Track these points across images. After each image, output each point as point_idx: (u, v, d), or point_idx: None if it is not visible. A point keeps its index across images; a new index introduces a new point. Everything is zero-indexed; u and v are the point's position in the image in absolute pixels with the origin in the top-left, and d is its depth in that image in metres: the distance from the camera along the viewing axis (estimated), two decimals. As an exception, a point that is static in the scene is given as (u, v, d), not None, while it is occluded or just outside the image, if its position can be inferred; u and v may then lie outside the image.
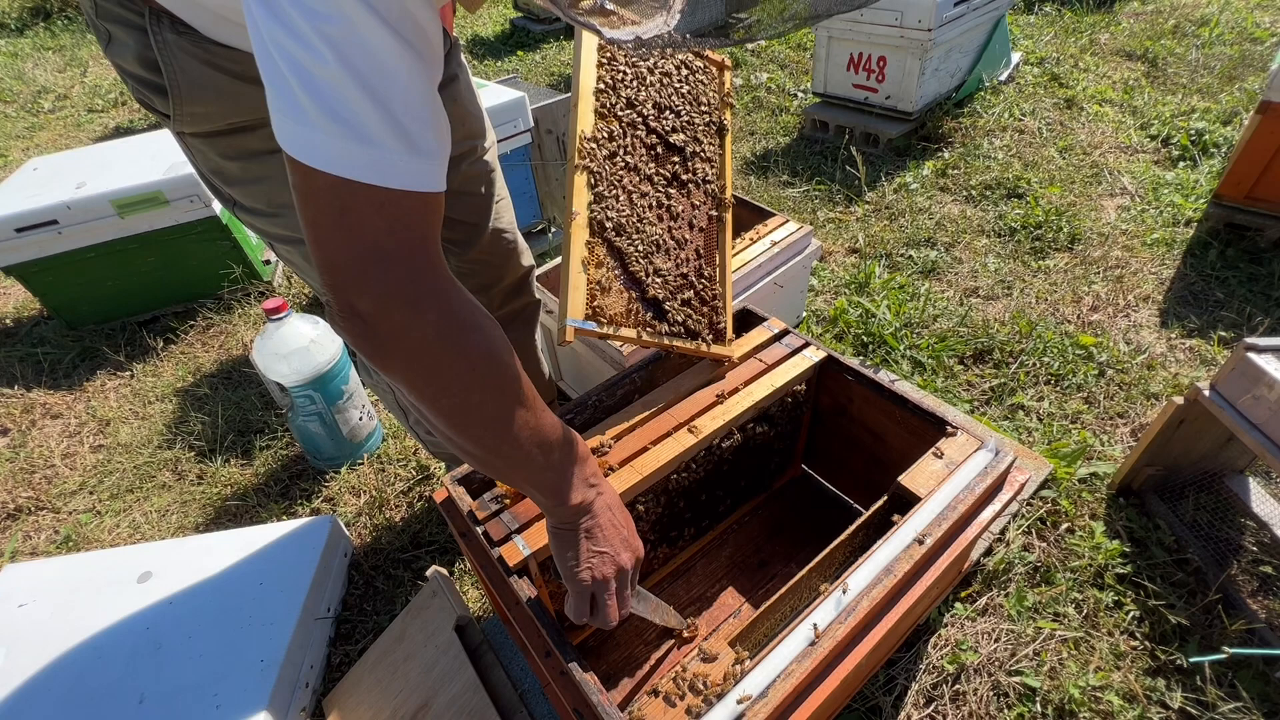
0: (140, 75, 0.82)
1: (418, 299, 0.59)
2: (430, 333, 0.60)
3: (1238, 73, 3.13)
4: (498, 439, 0.68)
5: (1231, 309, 1.90)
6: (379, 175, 0.55)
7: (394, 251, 0.57)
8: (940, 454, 0.98)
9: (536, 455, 0.71)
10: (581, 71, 0.98)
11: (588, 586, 0.78)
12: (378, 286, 0.57)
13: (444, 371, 0.62)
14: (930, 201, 2.51)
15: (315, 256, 0.57)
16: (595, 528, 0.78)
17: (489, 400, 0.66)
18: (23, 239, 2.09)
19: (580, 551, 0.77)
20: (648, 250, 1.01)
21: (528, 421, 0.69)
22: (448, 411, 0.65)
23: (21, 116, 4.46)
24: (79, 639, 1.25)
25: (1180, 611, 1.22)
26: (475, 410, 0.66)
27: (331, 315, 0.60)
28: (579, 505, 0.76)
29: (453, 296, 0.62)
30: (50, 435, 1.99)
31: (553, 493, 0.75)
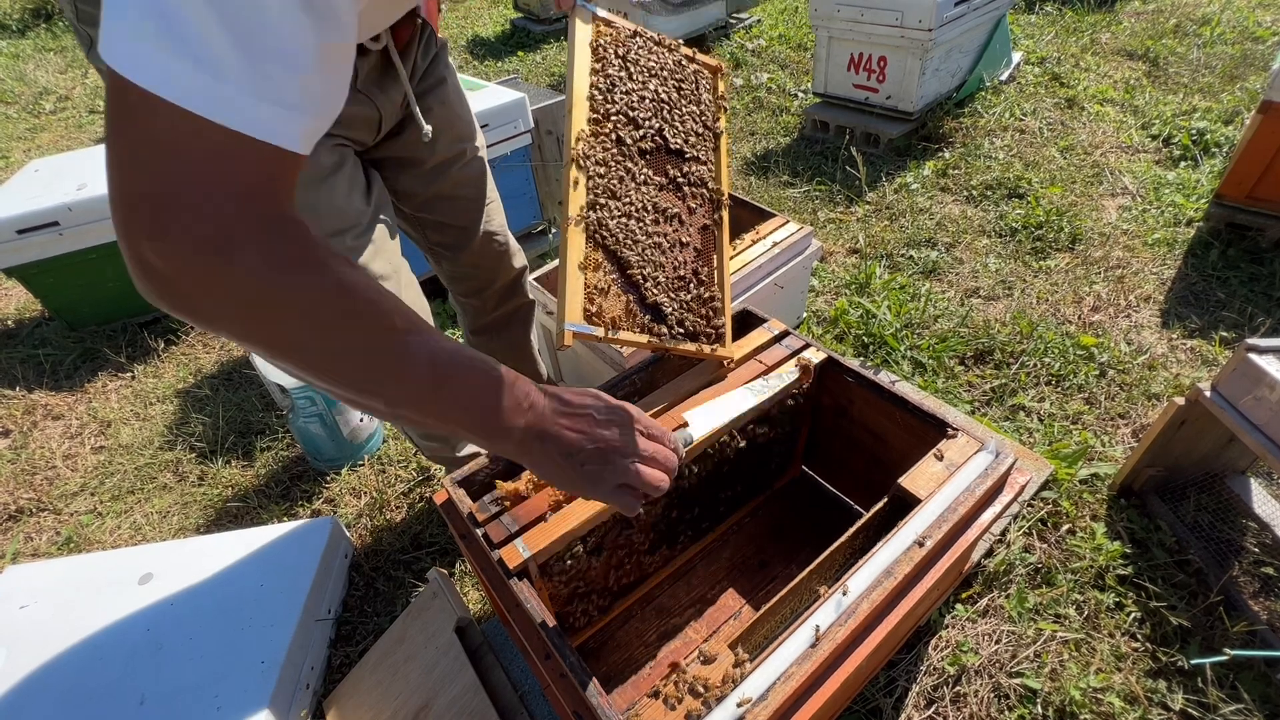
0: None
1: (227, 246, 0.48)
2: (249, 286, 0.50)
3: (1239, 72, 3.13)
4: (372, 383, 0.58)
5: (1233, 309, 1.89)
6: (210, 108, 0.46)
7: (205, 197, 0.48)
8: (941, 455, 0.98)
9: (431, 393, 0.61)
10: (575, 74, 0.98)
11: (611, 490, 0.69)
12: (177, 235, 0.47)
13: (276, 324, 0.53)
14: (931, 202, 2.51)
15: (111, 190, 0.48)
16: (558, 442, 0.67)
17: (345, 346, 0.56)
18: (24, 240, 2.09)
19: (566, 471, 0.68)
20: (645, 252, 1.01)
21: (405, 360, 0.58)
22: (299, 366, 0.56)
23: (23, 118, 4.47)
24: (80, 640, 1.25)
25: (1181, 613, 1.22)
26: (333, 359, 0.56)
27: (130, 268, 0.50)
28: (520, 436, 0.65)
29: (280, 241, 0.52)
30: (52, 436, 1.99)
31: (478, 430, 0.64)
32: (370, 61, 0.95)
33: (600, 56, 1.02)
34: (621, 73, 1.04)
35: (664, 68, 1.11)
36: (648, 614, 1.23)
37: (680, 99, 1.12)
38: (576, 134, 0.95)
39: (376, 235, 1.06)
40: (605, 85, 1.01)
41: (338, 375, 0.57)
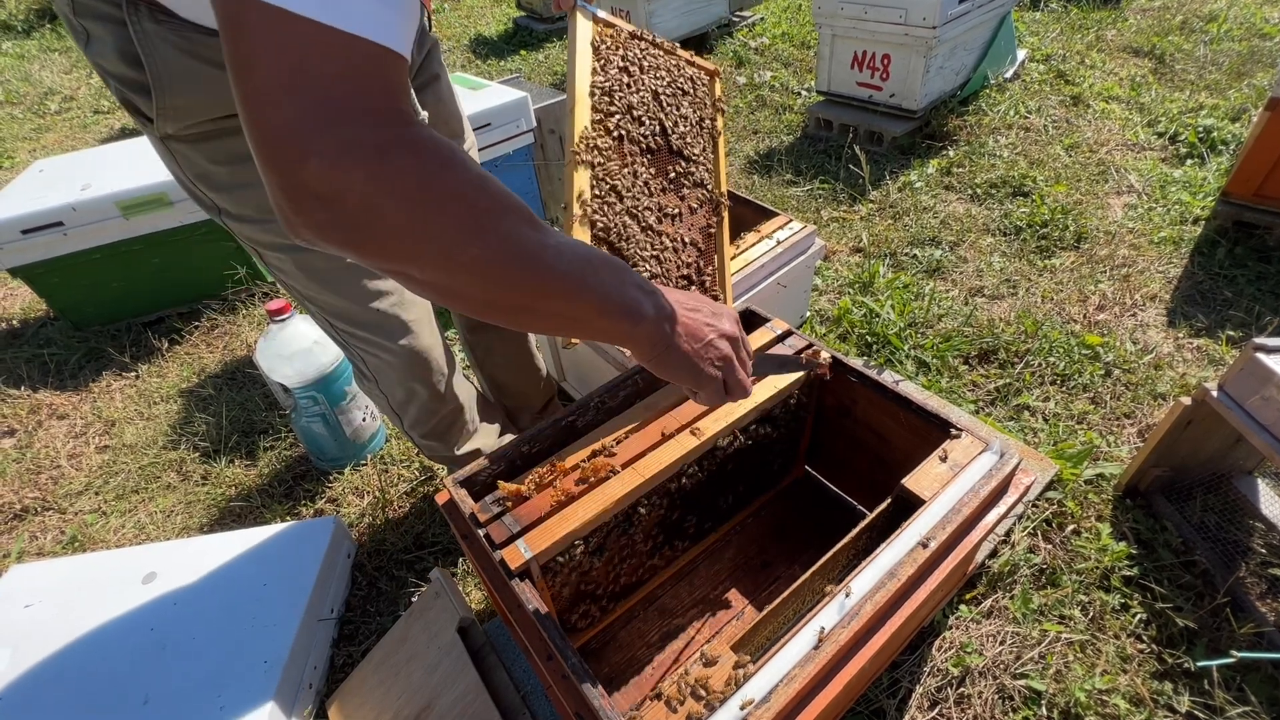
0: (122, 74, 0.80)
1: (383, 149, 0.48)
2: (410, 182, 0.49)
3: (1246, 69, 3.10)
4: (543, 274, 0.57)
5: (1240, 308, 1.88)
6: (333, 14, 0.45)
7: (348, 104, 0.47)
8: (945, 456, 0.98)
9: (578, 281, 0.60)
10: (577, 72, 0.98)
11: (718, 382, 0.72)
12: (332, 145, 0.46)
13: (437, 225, 0.51)
14: (935, 200, 2.50)
15: (256, 126, 0.46)
16: (681, 327, 0.69)
17: (510, 233, 0.55)
18: (29, 240, 2.10)
19: (692, 360, 0.70)
20: (649, 250, 1.00)
21: (550, 249, 0.58)
22: (469, 267, 0.54)
23: (28, 118, 4.48)
24: (84, 639, 1.26)
25: (1188, 614, 1.21)
26: (500, 253, 0.55)
27: (284, 213, 0.49)
28: (653, 322, 0.66)
29: (422, 138, 0.51)
30: (56, 436, 2.00)
31: (626, 314, 0.64)
32: None
33: (601, 56, 1.02)
34: (622, 73, 1.04)
35: (663, 69, 1.12)
36: (650, 614, 1.23)
37: (679, 100, 1.12)
38: (579, 132, 0.95)
39: None
40: (606, 84, 1.01)
41: (493, 272, 0.55)
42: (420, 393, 1.23)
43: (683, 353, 0.70)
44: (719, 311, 0.74)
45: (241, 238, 1.01)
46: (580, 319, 0.63)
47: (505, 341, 1.49)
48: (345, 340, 1.16)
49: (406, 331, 1.14)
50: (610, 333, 0.65)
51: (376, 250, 0.51)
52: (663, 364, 0.70)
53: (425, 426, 1.29)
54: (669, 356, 0.69)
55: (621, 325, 0.65)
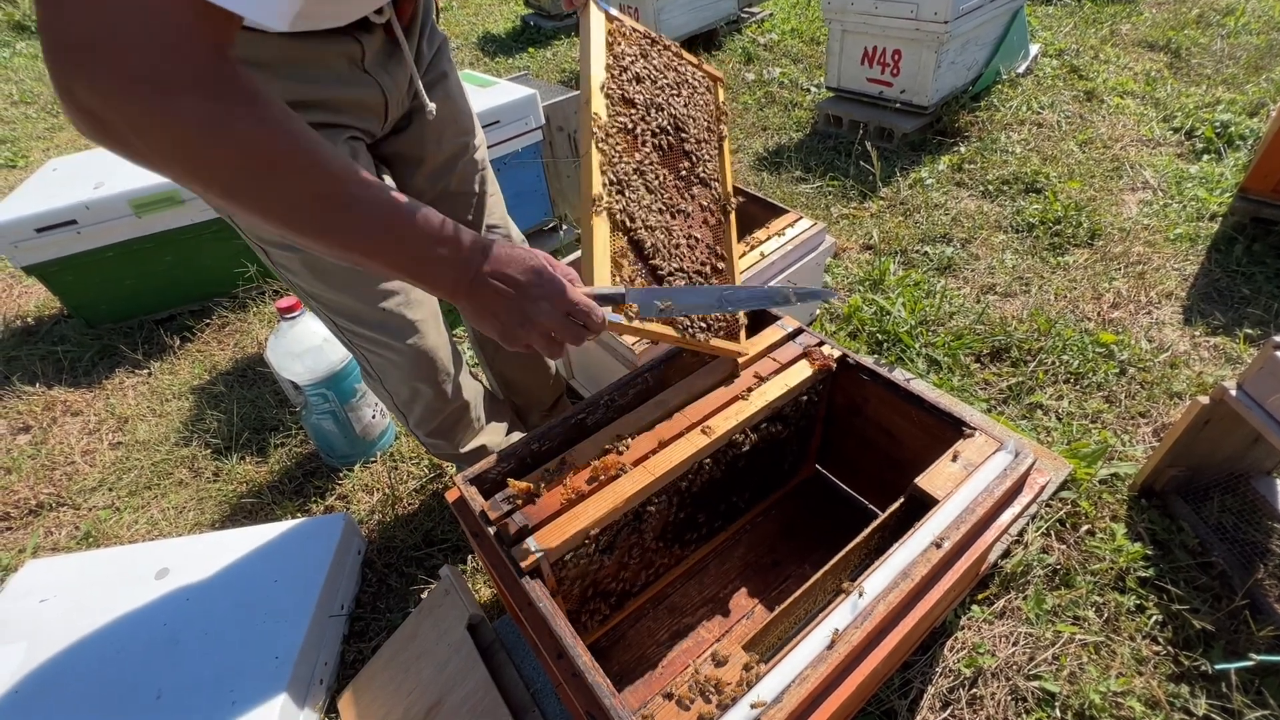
0: None
1: (164, 89, 0.51)
2: (181, 128, 0.52)
3: (1264, 63, 3.05)
4: (316, 227, 0.63)
5: (1258, 306, 1.85)
6: None
7: (141, 39, 0.49)
8: (958, 455, 0.97)
9: (379, 236, 0.66)
10: (592, 63, 0.98)
11: (523, 345, 0.78)
12: (110, 75, 0.49)
13: (214, 167, 0.56)
14: (946, 197, 2.48)
15: (44, 34, 0.49)
16: (486, 296, 0.74)
17: (286, 190, 0.60)
18: (43, 239, 2.12)
19: (490, 322, 0.76)
20: (667, 243, 1.00)
21: (351, 205, 0.63)
22: (239, 207, 0.60)
23: (42, 118, 4.53)
24: (98, 634, 1.27)
25: (1205, 616, 1.19)
26: (273, 202, 0.60)
27: (61, 104, 0.52)
28: (452, 283, 0.72)
29: (215, 85, 0.53)
30: (70, 432, 2.02)
31: (415, 273, 0.71)
32: (376, 40, 0.95)
33: (614, 52, 1.01)
34: (635, 69, 1.03)
35: (672, 68, 1.12)
36: (660, 613, 1.22)
37: (687, 100, 1.12)
38: (595, 121, 0.95)
39: None
40: (619, 79, 1.01)
41: (278, 217, 0.61)
42: (425, 392, 1.23)
43: (483, 316, 0.75)
44: (538, 276, 0.77)
45: (248, 235, 1.01)
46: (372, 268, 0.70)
47: None
48: (350, 339, 1.16)
49: (412, 331, 1.14)
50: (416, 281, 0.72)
51: (143, 166, 0.56)
52: (470, 314, 0.75)
53: (430, 425, 1.29)
54: (473, 316, 0.75)
55: (418, 281, 0.72)
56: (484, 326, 0.77)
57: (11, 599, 1.36)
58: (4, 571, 1.64)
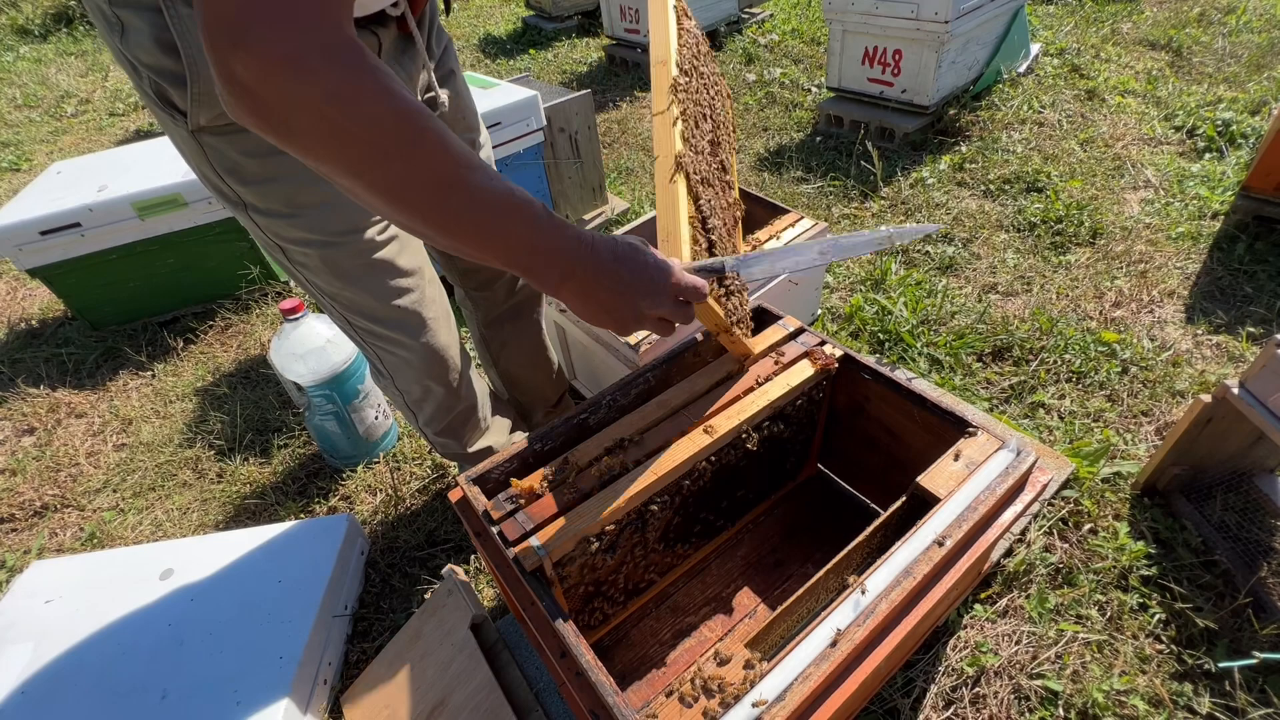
0: (159, 64, 0.81)
1: (305, 60, 0.54)
2: (320, 98, 0.55)
3: (1266, 61, 3.05)
4: (435, 209, 0.64)
5: (1260, 304, 1.85)
6: None
7: (285, 15, 0.53)
8: (960, 454, 0.97)
9: (489, 224, 0.66)
10: (670, 28, 0.99)
11: (630, 331, 0.79)
12: (260, 50, 0.53)
13: (350, 141, 0.58)
14: (947, 196, 2.48)
15: (201, 13, 0.53)
16: (594, 291, 0.74)
17: (414, 170, 0.61)
18: (47, 241, 2.13)
19: (599, 315, 0.76)
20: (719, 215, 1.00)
21: (468, 188, 0.64)
22: (368, 187, 0.61)
23: (45, 121, 4.55)
24: (103, 635, 1.28)
25: (1208, 615, 1.19)
26: (399, 182, 0.61)
27: (221, 95, 0.55)
28: (561, 273, 0.72)
29: (348, 59, 0.56)
30: (75, 434, 2.03)
31: (528, 264, 0.70)
32: (390, 34, 0.95)
33: (681, 25, 1.03)
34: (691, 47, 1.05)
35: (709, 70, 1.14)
36: (662, 612, 1.23)
37: (714, 96, 1.14)
38: (675, 82, 0.94)
39: (401, 231, 1.07)
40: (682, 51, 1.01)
41: (403, 199, 0.62)
42: (436, 390, 1.23)
43: (590, 307, 0.75)
44: (647, 265, 0.77)
45: (267, 233, 1.01)
46: (484, 256, 0.69)
47: (521, 336, 1.49)
48: (363, 338, 1.17)
49: (426, 329, 1.15)
50: (526, 271, 0.72)
51: (298, 149, 0.57)
52: (579, 311, 0.76)
53: (440, 424, 1.30)
54: (581, 308, 0.75)
55: (528, 272, 0.71)
56: (596, 319, 0.77)
57: (17, 600, 1.36)
58: (9, 572, 1.65)
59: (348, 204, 0.98)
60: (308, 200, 0.95)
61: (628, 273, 0.75)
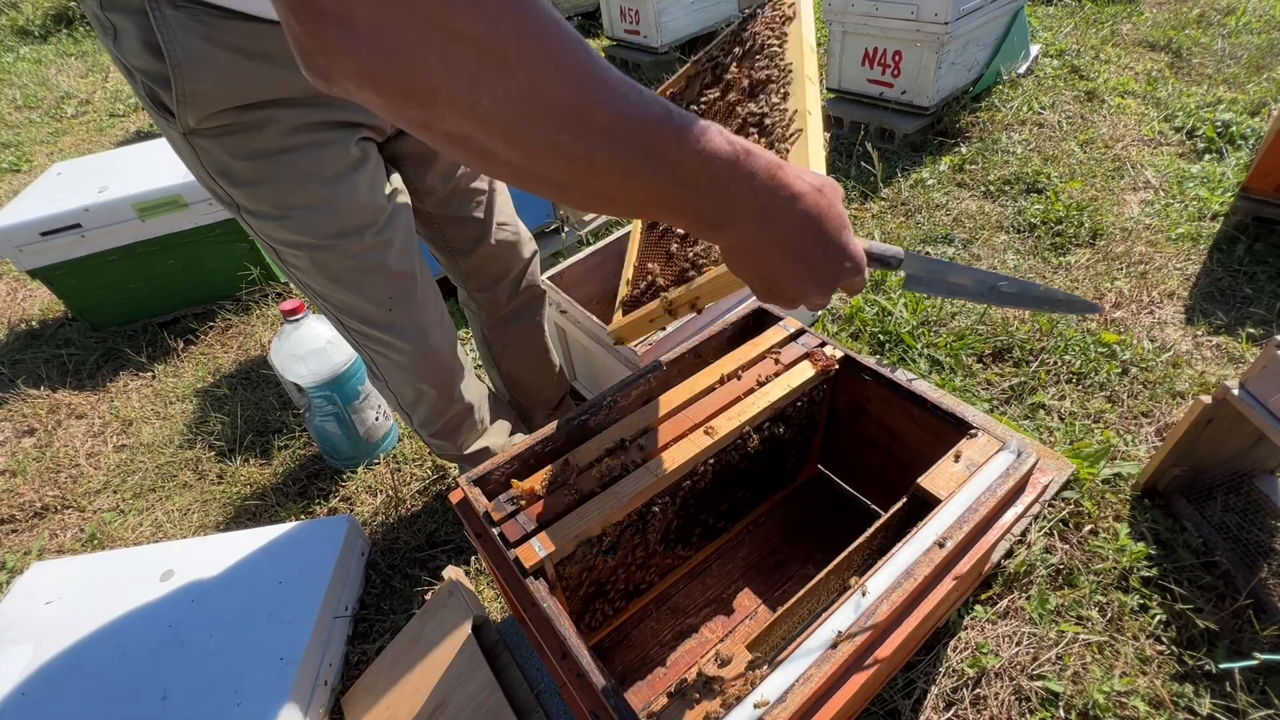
0: (146, 66, 0.81)
1: None
2: (432, 7, 0.41)
3: (1266, 62, 3.05)
4: (590, 142, 0.48)
5: (1260, 305, 1.85)
6: None
7: None
8: (960, 455, 0.97)
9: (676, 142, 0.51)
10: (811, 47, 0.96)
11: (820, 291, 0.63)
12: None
13: (460, 51, 0.43)
14: (947, 197, 2.48)
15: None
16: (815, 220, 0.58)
17: (560, 86, 0.46)
18: (47, 242, 2.13)
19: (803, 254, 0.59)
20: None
21: (644, 104, 0.49)
22: (504, 124, 0.45)
23: (46, 122, 4.55)
24: (104, 636, 1.28)
25: (1209, 616, 1.19)
26: (543, 107, 0.46)
27: (300, 43, 0.43)
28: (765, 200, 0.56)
29: None
30: (75, 435, 2.03)
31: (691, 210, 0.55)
32: None
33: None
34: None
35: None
36: (663, 614, 1.23)
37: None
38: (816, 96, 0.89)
39: (396, 233, 1.07)
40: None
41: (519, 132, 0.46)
42: (429, 393, 1.23)
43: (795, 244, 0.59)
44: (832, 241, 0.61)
45: (260, 235, 1.02)
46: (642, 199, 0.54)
47: (523, 338, 1.49)
48: (356, 339, 1.17)
49: (418, 332, 1.15)
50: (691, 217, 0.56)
51: (393, 86, 0.43)
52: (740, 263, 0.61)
53: (434, 426, 1.30)
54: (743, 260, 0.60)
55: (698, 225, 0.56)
56: (768, 273, 0.61)
57: (17, 601, 1.36)
58: (10, 574, 1.65)
59: (339, 207, 0.98)
60: (297, 203, 0.96)
61: (825, 218, 0.60)
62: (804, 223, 0.59)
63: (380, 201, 1.03)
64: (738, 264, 0.62)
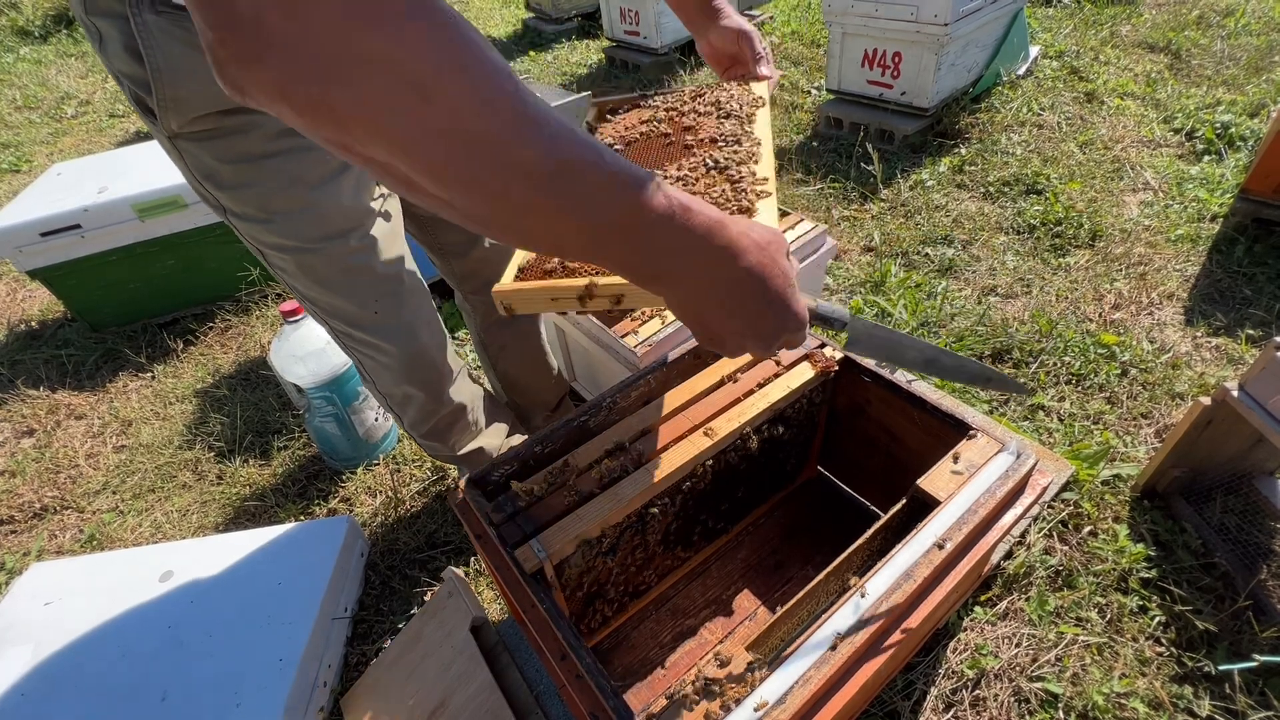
0: (130, 71, 0.82)
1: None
2: (336, 14, 0.39)
3: (1265, 63, 3.06)
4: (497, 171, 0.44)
5: (1260, 306, 1.85)
6: None
7: None
8: (960, 457, 0.97)
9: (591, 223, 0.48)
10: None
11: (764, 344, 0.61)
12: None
13: (368, 87, 0.40)
14: (947, 199, 2.48)
15: None
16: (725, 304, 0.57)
17: (480, 120, 0.43)
18: (47, 243, 2.13)
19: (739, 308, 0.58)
20: None
21: (549, 145, 0.45)
22: (422, 156, 0.43)
23: (45, 122, 4.55)
24: (103, 636, 1.27)
25: (1208, 617, 1.19)
26: (462, 142, 0.43)
27: (211, 48, 0.41)
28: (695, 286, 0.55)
29: None
30: (74, 436, 2.03)
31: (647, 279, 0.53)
32: None
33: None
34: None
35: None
36: (662, 615, 1.23)
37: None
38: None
39: (383, 237, 1.06)
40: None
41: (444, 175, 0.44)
42: (417, 395, 1.23)
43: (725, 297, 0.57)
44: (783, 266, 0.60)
45: (246, 237, 1.02)
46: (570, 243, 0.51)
47: (520, 339, 1.49)
48: (345, 342, 1.17)
49: (404, 335, 1.15)
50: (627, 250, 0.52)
51: (306, 105, 0.41)
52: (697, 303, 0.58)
53: (424, 427, 1.30)
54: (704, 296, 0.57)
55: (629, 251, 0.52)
56: (705, 324, 0.59)
57: (16, 602, 1.36)
58: (9, 574, 1.65)
59: (323, 211, 0.98)
60: (281, 206, 0.96)
61: (774, 283, 0.59)
62: (745, 280, 0.57)
63: (366, 205, 1.03)
64: (676, 310, 0.60)
